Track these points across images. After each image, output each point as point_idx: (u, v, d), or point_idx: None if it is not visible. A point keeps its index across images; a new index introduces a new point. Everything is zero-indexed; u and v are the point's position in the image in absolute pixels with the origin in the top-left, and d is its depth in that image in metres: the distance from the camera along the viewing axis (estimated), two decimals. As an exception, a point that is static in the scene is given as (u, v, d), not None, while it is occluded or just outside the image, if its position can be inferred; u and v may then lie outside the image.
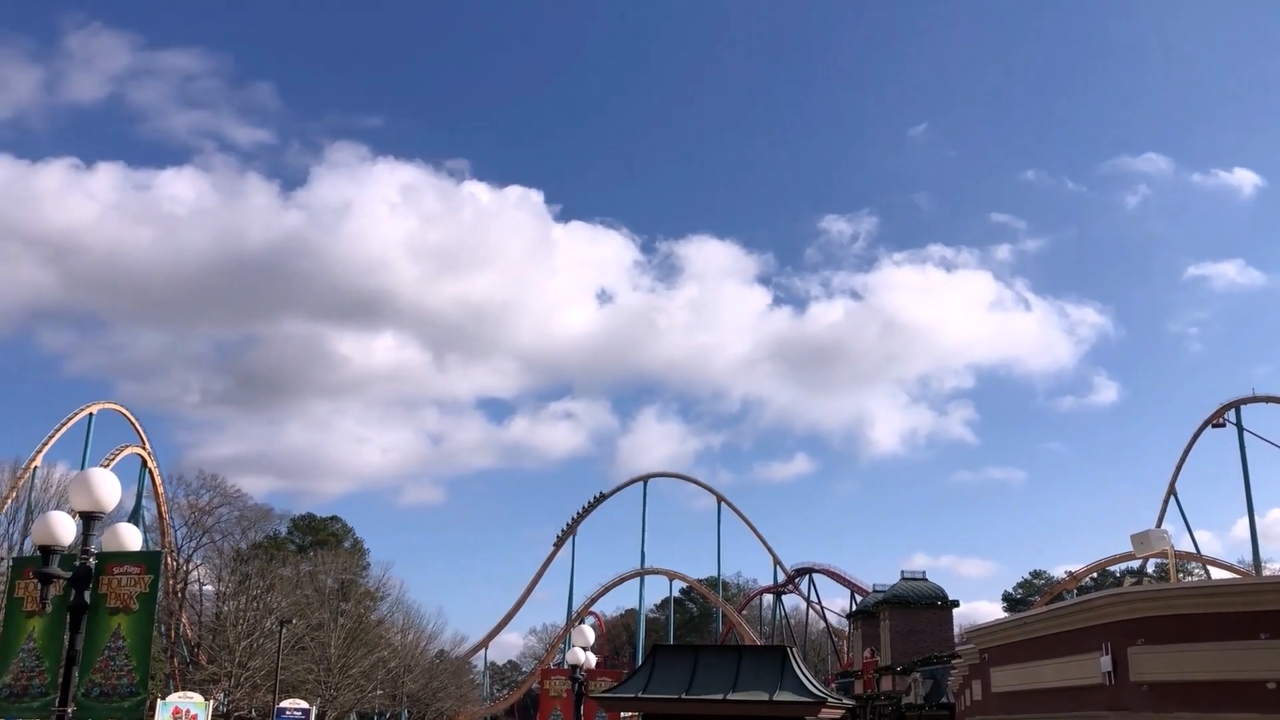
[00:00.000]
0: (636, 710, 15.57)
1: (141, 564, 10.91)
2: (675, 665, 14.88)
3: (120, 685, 10.61)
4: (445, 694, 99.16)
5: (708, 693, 14.04)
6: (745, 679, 14.05)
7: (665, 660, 15.29)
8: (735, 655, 14.96)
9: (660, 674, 14.72)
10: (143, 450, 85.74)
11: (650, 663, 15.24)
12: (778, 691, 13.37)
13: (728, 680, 14.10)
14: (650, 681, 14.59)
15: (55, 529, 10.45)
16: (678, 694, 14.11)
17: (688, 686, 14.25)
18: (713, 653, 15.62)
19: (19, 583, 11.44)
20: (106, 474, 10.89)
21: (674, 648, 17.38)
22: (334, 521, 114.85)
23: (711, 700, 13.85)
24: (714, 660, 14.90)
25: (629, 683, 15.10)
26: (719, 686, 14.05)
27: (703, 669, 14.48)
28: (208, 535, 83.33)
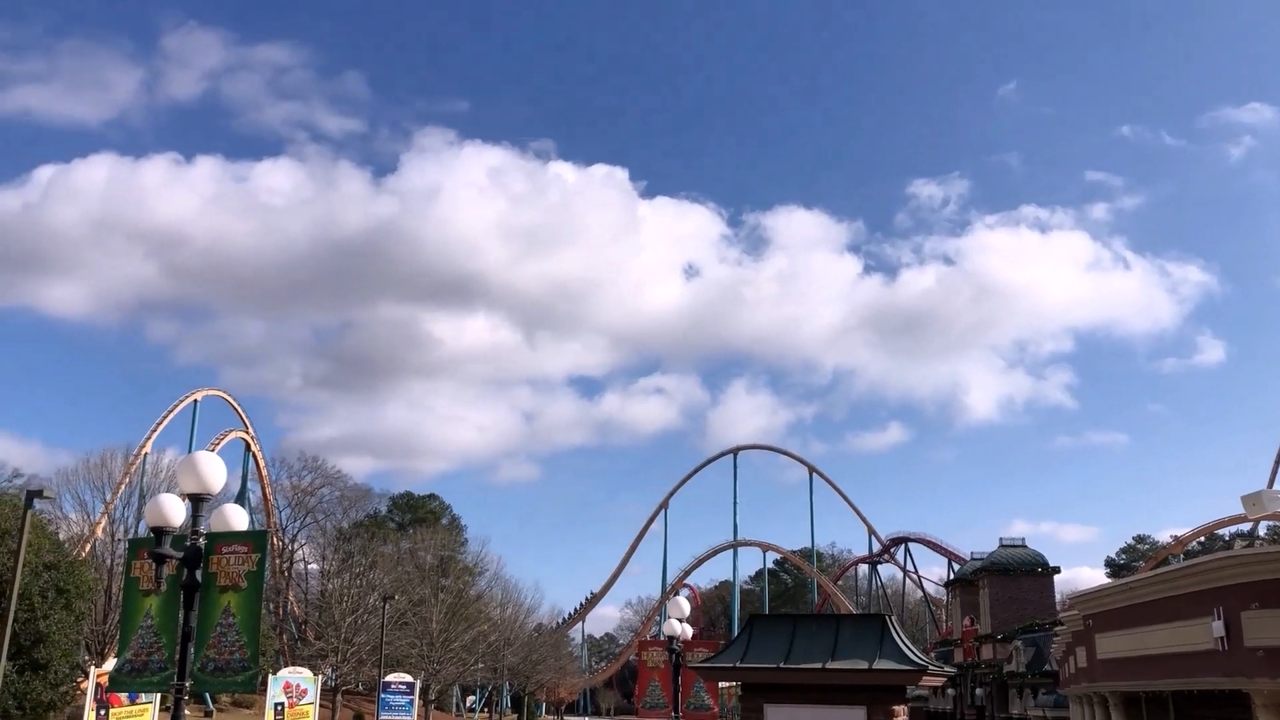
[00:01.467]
0: (735, 679, 15.57)
1: (248, 543, 11.21)
2: (773, 634, 14.83)
3: (233, 660, 10.93)
4: (545, 666, 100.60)
5: (806, 661, 13.96)
6: (844, 648, 13.93)
7: (762, 630, 15.24)
8: (833, 624, 14.85)
9: (758, 643, 14.68)
10: (246, 434, 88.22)
11: (747, 632, 15.21)
12: (877, 660, 13.25)
13: (826, 649, 14.00)
14: (748, 651, 14.57)
15: (166, 511, 10.79)
16: (776, 663, 14.06)
17: (786, 655, 14.19)
18: (810, 622, 15.53)
19: (135, 563, 11.86)
20: (212, 457, 11.21)
21: (771, 617, 17.31)
22: (432, 499, 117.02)
23: (810, 669, 13.77)
24: (812, 629, 14.81)
25: (726, 652, 15.10)
26: (817, 655, 13.96)
27: (800, 638, 14.40)
28: (311, 515, 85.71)
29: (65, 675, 36.58)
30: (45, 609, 34.50)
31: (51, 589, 35.07)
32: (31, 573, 33.06)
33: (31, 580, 33.30)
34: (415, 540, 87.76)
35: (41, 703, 35.64)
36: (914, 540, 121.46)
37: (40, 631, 34.20)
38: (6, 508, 34.80)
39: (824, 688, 13.53)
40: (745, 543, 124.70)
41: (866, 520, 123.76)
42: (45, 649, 34.55)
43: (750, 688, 14.13)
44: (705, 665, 15.27)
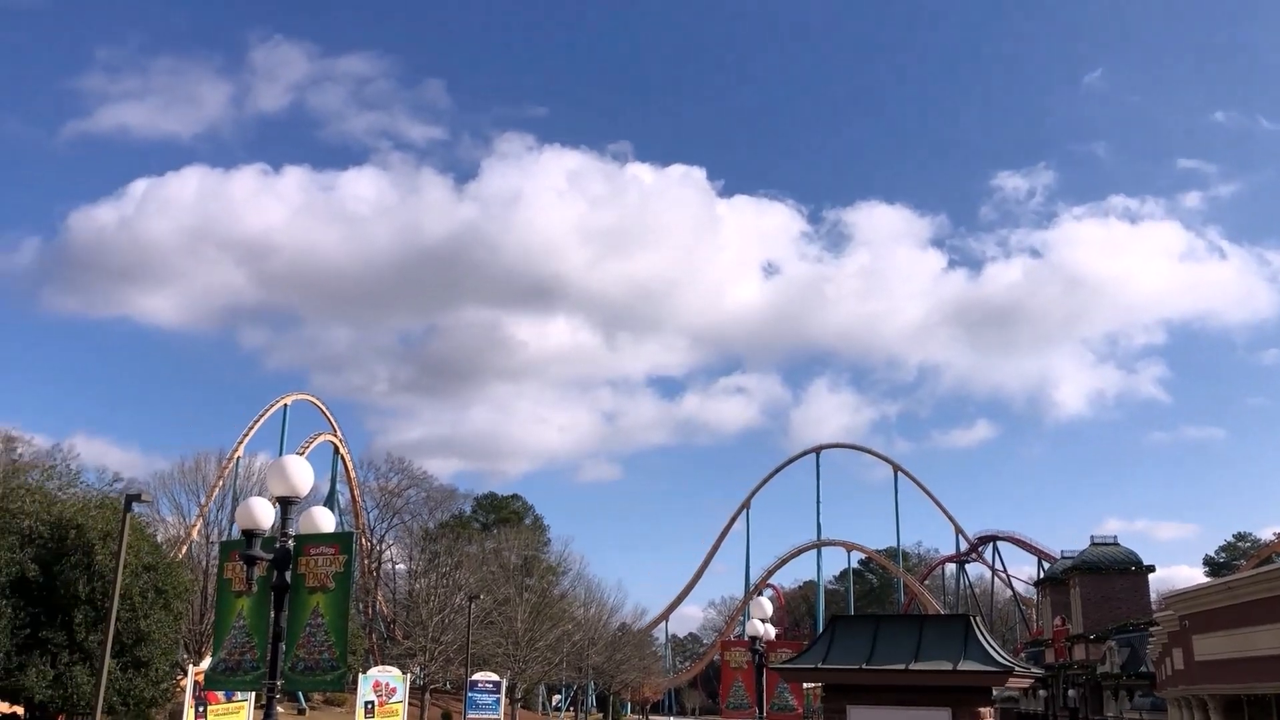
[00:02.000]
0: (817, 680, 15.49)
1: (336, 545, 11.44)
2: (855, 635, 14.70)
3: (322, 660, 11.17)
4: (629, 666, 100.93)
5: (889, 662, 13.82)
6: (927, 648, 13.77)
7: (844, 630, 15.13)
8: (916, 625, 14.67)
9: (840, 644, 14.57)
10: (334, 437, 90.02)
11: (829, 633, 15.11)
12: (962, 661, 13.06)
13: (909, 650, 13.85)
14: (830, 652, 14.48)
15: (256, 514, 11.07)
16: (858, 664, 13.94)
17: (868, 656, 14.06)
18: (893, 622, 15.37)
19: (227, 565, 12.18)
20: (300, 461, 11.47)
21: (853, 618, 17.16)
22: (515, 500, 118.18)
23: (893, 670, 13.63)
24: (894, 630, 14.66)
25: (808, 653, 15.01)
26: (900, 656, 13.82)
27: (883, 639, 14.27)
28: (398, 516, 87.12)
29: (165, 673, 37.70)
30: (145, 609, 35.58)
31: (151, 589, 36.15)
32: (132, 574, 34.14)
33: (132, 581, 34.38)
34: (499, 540, 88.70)
35: (144, 699, 36.78)
36: (1002, 539, 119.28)
37: (141, 630, 35.29)
38: (108, 511, 35.96)
39: (907, 689, 13.40)
40: (829, 542, 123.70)
41: (953, 519, 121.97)
42: (146, 647, 35.63)
43: (833, 689, 14.04)
44: (787, 666, 15.20)
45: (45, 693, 32.99)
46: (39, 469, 41.02)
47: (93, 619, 33.81)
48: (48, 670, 33.00)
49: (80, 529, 34.84)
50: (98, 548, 34.20)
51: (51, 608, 33.99)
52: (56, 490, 39.00)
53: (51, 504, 36.85)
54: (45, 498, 37.28)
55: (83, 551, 34.39)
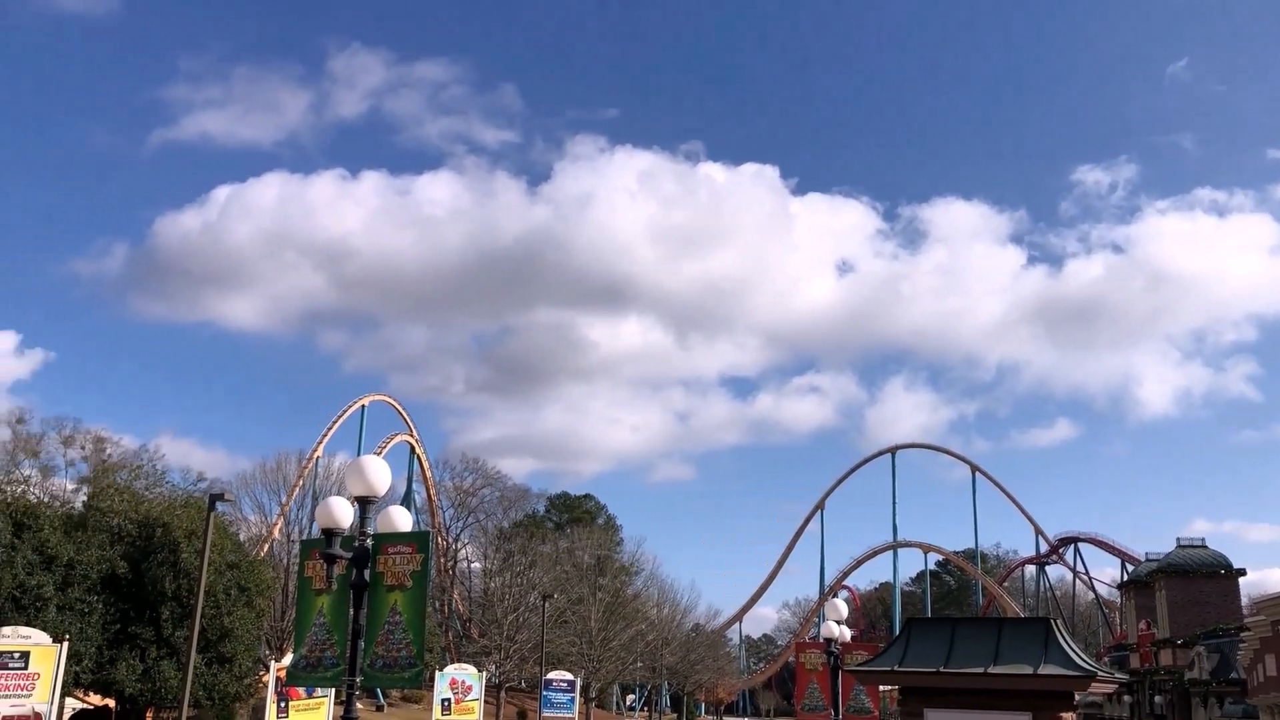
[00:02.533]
0: (893, 683, 15.30)
1: (413, 544, 11.58)
2: (931, 638, 14.50)
3: (400, 657, 11.31)
4: (703, 666, 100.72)
5: (967, 665, 13.59)
6: (1006, 652, 13.52)
7: (921, 633, 14.92)
8: (995, 627, 14.41)
9: (916, 647, 14.38)
10: (411, 437, 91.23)
11: (905, 636, 14.91)
12: (1042, 665, 12.80)
13: (987, 653, 13.61)
14: (906, 654, 14.30)
15: (335, 513, 11.26)
16: (935, 666, 13.74)
17: (945, 659, 13.85)
18: (970, 625, 15.11)
19: (308, 563, 12.40)
20: (378, 461, 11.64)
21: (929, 620, 16.93)
22: (587, 499, 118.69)
23: (972, 673, 13.40)
24: (972, 632, 14.42)
25: (884, 656, 14.84)
26: (978, 659, 13.58)
27: (960, 641, 14.04)
28: (472, 515, 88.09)
29: (248, 668, 38.55)
30: (229, 606, 36.41)
31: (234, 587, 36.99)
32: (216, 571, 34.96)
33: (216, 578, 35.21)
34: (573, 539, 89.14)
35: (228, 694, 37.66)
36: (1084, 540, 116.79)
37: (225, 627, 36.12)
38: (192, 510, 36.88)
39: (986, 692, 13.18)
40: (905, 543, 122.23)
41: (1033, 520, 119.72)
42: (230, 643, 36.47)
43: (909, 691, 13.87)
44: (863, 668, 15.05)
45: (135, 686, 33.95)
46: (127, 469, 42.23)
47: (179, 615, 34.70)
48: (137, 665, 33.95)
49: (166, 527, 35.77)
50: (183, 546, 35.10)
51: (140, 604, 34.97)
52: (144, 490, 40.12)
53: (139, 503, 37.92)
54: (133, 497, 38.37)
55: (169, 549, 35.30)
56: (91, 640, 32.89)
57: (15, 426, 44.89)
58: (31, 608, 31.58)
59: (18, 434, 44.48)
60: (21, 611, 31.21)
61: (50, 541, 33.03)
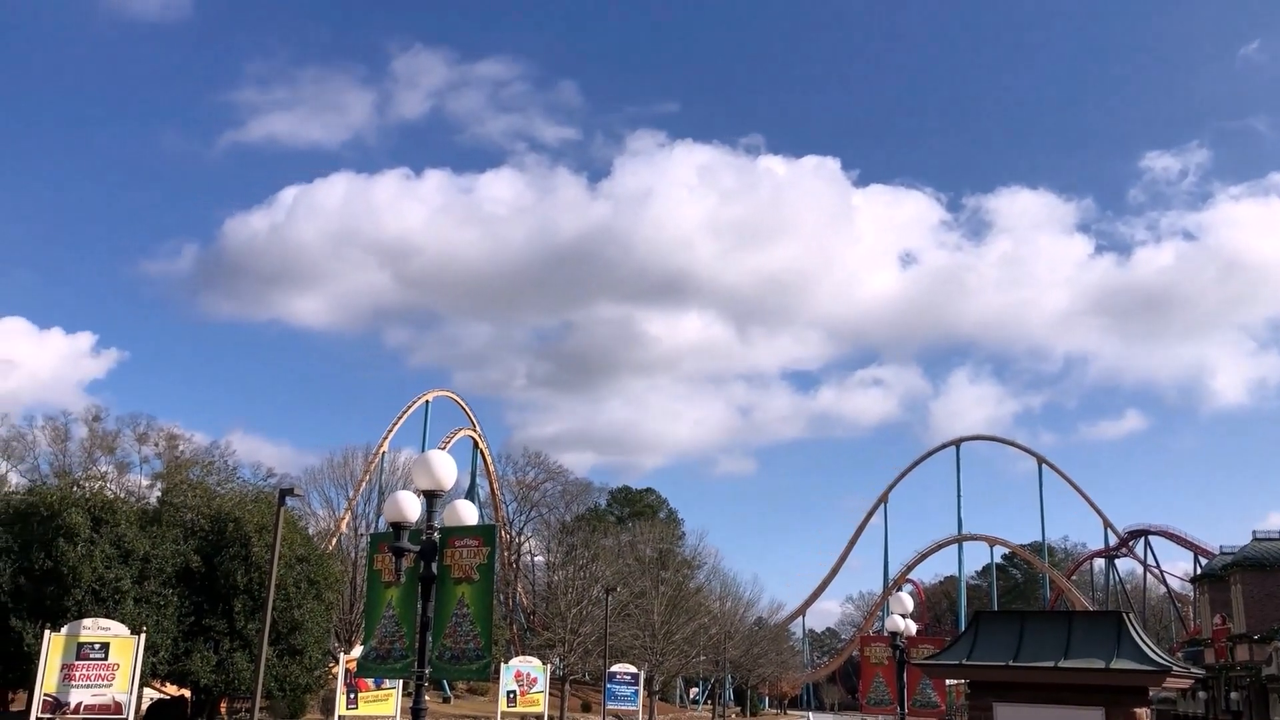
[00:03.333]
0: (961, 677, 15.16)
1: (479, 537, 11.71)
2: (1000, 632, 14.34)
3: (468, 649, 11.45)
4: (766, 660, 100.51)
5: (1037, 659, 13.43)
6: (1077, 646, 13.32)
7: (989, 627, 14.76)
8: (1065, 621, 14.22)
9: (984, 641, 14.23)
10: (474, 432, 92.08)
11: (973, 629, 14.76)
12: (1115, 659, 12.60)
13: (1058, 647, 13.43)
14: (974, 648, 14.15)
15: (403, 507, 11.42)
16: (1004, 660, 13.58)
17: (1015, 653, 13.69)
18: (1040, 619, 14.93)
19: (376, 557, 12.59)
20: (444, 455, 11.79)
21: (998, 614, 16.75)
22: (649, 493, 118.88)
23: (1042, 667, 13.23)
24: (1042, 626, 14.23)
25: (951, 650, 14.71)
26: (1048, 653, 13.41)
27: (1030, 635, 13.87)
28: (535, 509, 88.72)
29: (318, 660, 39.20)
30: (299, 599, 37.05)
31: (304, 580, 37.63)
32: (286, 565, 35.57)
33: (286, 572, 35.83)
34: (634, 533, 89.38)
35: (299, 685, 38.34)
36: (1155, 533, 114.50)
37: (295, 619, 36.77)
38: (263, 505, 37.57)
39: (1057, 687, 13.01)
40: (970, 537, 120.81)
41: (1102, 513, 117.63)
42: (300, 636, 37.11)
43: (978, 686, 13.73)
44: (930, 662, 14.93)
45: (209, 677, 34.71)
46: (199, 465, 43.13)
47: (251, 608, 35.39)
48: (211, 656, 34.70)
49: (238, 522, 36.48)
50: (254, 540, 35.75)
51: (213, 597, 35.72)
52: (216, 485, 40.95)
53: (211, 498, 38.72)
54: (206, 492, 39.19)
55: (240, 543, 36.00)
56: (167, 632, 33.67)
57: (92, 424, 46.09)
58: (110, 600, 32.41)
59: (94, 431, 45.65)
60: (101, 604, 32.05)
61: (127, 536, 33.86)
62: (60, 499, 33.83)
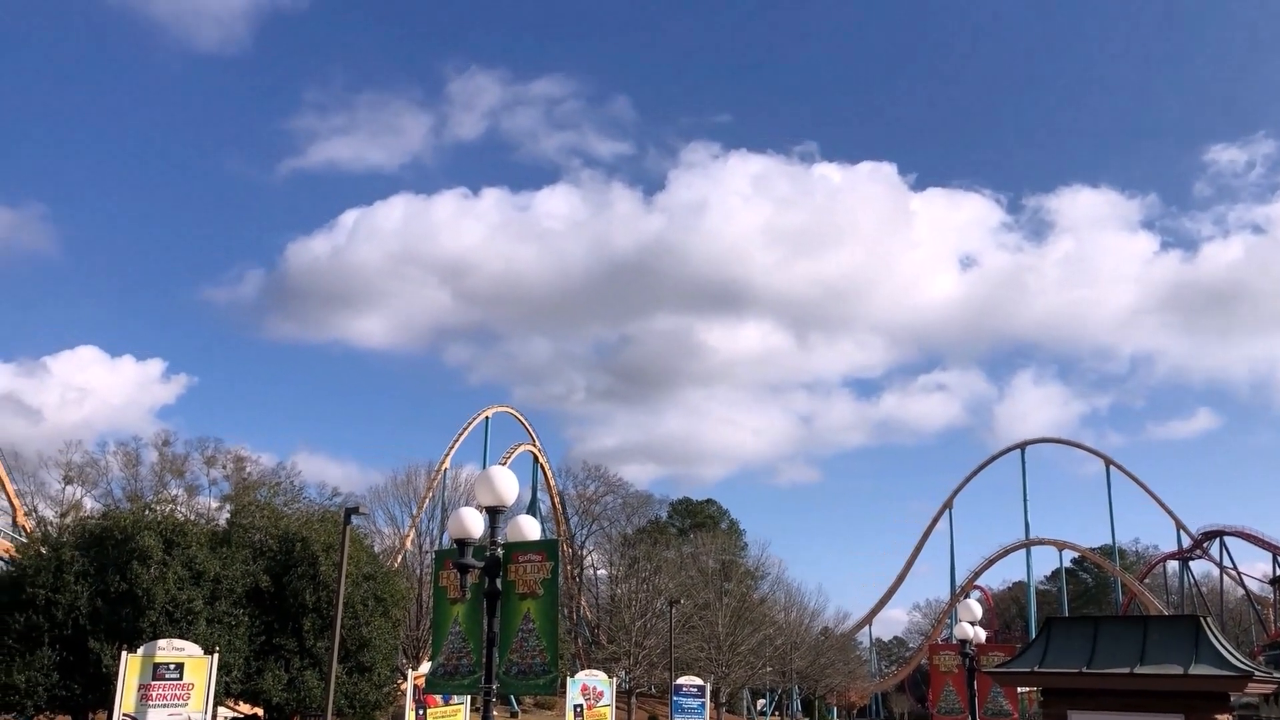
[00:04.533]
0: (1034, 684, 14.92)
1: (542, 552, 11.77)
2: (1073, 638, 14.09)
3: (535, 664, 11.50)
4: (833, 670, 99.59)
5: (1112, 666, 13.17)
6: (1153, 651, 13.04)
7: (1061, 633, 14.52)
8: (1140, 626, 13.93)
9: (1057, 647, 14.00)
10: (533, 447, 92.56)
11: (1045, 636, 14.53)
12: (1193, 665, 12.32)
13: (1133, 653, 13.16)
14: (1046, 654, 13.93)
15: (467, 523, 11.50)
16: (1078, 667, 13.35)
17: (1089, 660, 13.45)
18: (1114, 624, 14.64)
19: (442, 573, 12.70)
20: (506, 471, 11.86)
21: (1070, 620, 16.46)
22: (709, 504, 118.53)
23: (1117, 674, 12.97)
24: (1116, 632, 13.96)
25: (1023, 656, 14.49)
26: (1123, 659, 13.14)
27: (1104, 641, 13.60)
28: (596, 523, 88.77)
29: (387, 677, 39.55)
30: (366, 616, 37.43)
31: (371, 598, 38.02)
32: (353, 583, 35.97)
33: (353, 590, 36.23)
34: (696, 545, 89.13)
35: (369, 702, 38.71)
36: (1231, 534, 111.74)
37: (364, 637, 37.15)
38: (329, 524, 38.04)
39: (1133, 693, 12.74)
40: (1038, 541, 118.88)
41: (1174, 514, 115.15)
42: (369, 653, 37.48)
43: (1052, 693, 13.50)
44: (1002, 670, 14.71)
45: (281, 695, 35.17)
46: (266, 486, 43.76)
47: (319, 626, 35.82)
48: (282, 674, 35.17)
49: (305, 541, 36.96)
50: (321, 559, 36.19)
51: (283, 616, 36.21)
52: (282, 505, 41.52)
53: (279, 519, 39.28)
54: (273, 513, 39.77)
55: (308, 562, 36.46)
56: (239, 651, 34.18)
57: (161, 449, 46.92)
58: (184, 621, 33.00)
59: (164, 455, 46.48)
60: (174, 625, 32.64)
61: (198, 557, 34.46)
62: (133, 522, 34.53)
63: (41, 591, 32.58)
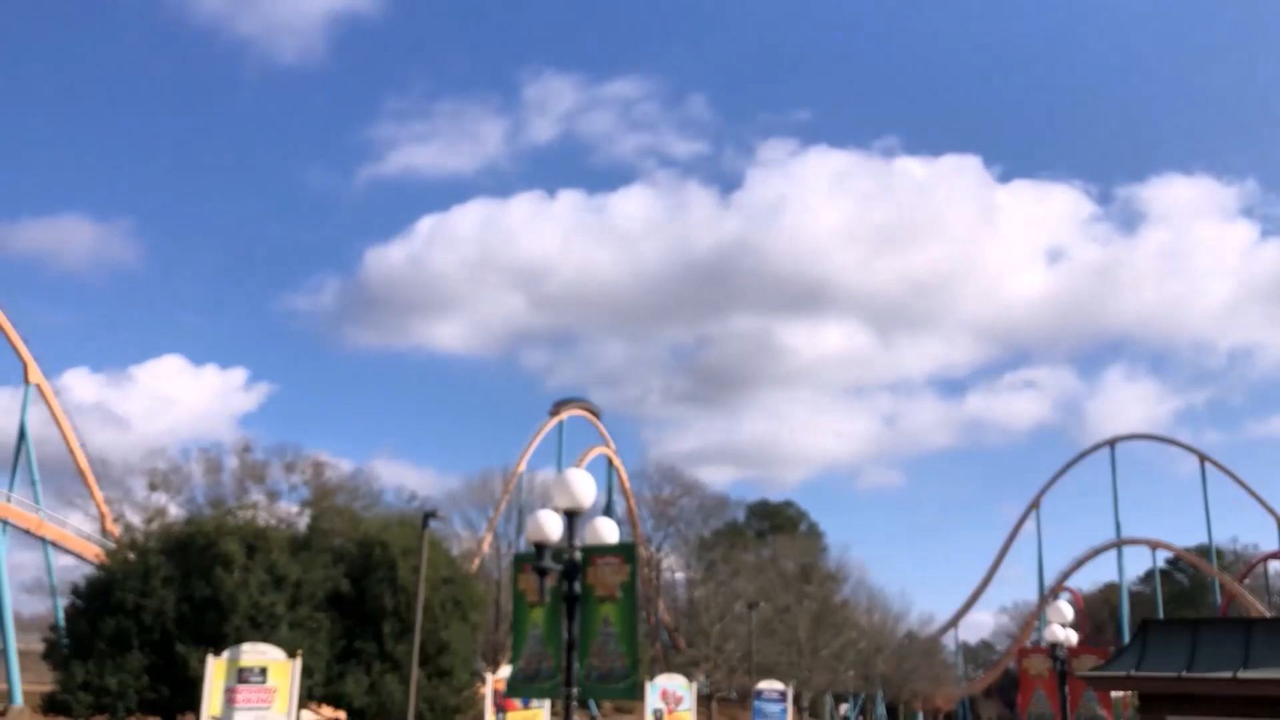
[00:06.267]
0: (1129, 689, 14.38)
1: (620, 555, 11.63)
2: (1170, 641, 13.56)
3: (615, 669, 11.36)
4: (918, 675, 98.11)
5: (1212, 670, 12.63)
6: (1258, 655, 12.49)
7: (1158, 636, 13.98)
8: (1243, 629, 13.36)
9: (1154, 651, 13.47)
10: (608, 450, 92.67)
11: (1140, 639, 14.00)
12: (1302, 669, 11.74)
13: (1235, 657, 12.62)
14: (1143, 659, 13.42)
15: (545, 527, 11.40)
16: (1177, 672, 12.82)
17: (1188, 663, 12.92)
18: (1214, 627, 14.07)
19: (520, 577, 12.62)
20: (583, 474, 11.74)
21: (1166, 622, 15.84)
22: (788, 506, 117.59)
23: (1219, 679, 12.44)
24: (1216, 635, 13.41)
25: (1118, 661, 13.97)
26: (1225, 663, 12.61)
27: (1204, 645, 13.07)
28: (673, 525, 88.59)
29: (466, 681, 39.78)
30: (445, 620, 37.67)
31: (449, 601, 38.26)
32: (431, 587, 36.21)
33: (432, 594, 36.47)
34: (775, 548, 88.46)
35: (449, 706, 38.95)
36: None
37: (443, 641, 37.39)
38: (407, 528, 38.37)
39: (1236, 699, 12.20)
40: (1130, 541, 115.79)
41: (1276, 512, 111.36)
42: (448, 657, 37.72)
43: (1149, 698, 13.00)
44: (1096, 674, 14.22)
45: (362, 699, 35.55)
46: (344, 491, 44.34)
47: (399, 630, 36.13)
48: (363, 678, 35.54)
49: (384, 546, 37.32)
50: (400, 563, 36.50)
51: (363, 620, 36.61)
52: (361, 510, 42.03)
53: (358, 523, 39.74)
54: (352, 518, 40.26)
55: (387, 567, 36.80)
56: (321, 655, 34.61)
57: (242, 455, 47.82)
58: (266, 625, 33.52)
59: (244, 462, 47.34)
60: (257, 629, 33.18)
61: (279, 563, 34.99)
62: (216, 528, 35.20)
63: (130, 596, 33.37)
